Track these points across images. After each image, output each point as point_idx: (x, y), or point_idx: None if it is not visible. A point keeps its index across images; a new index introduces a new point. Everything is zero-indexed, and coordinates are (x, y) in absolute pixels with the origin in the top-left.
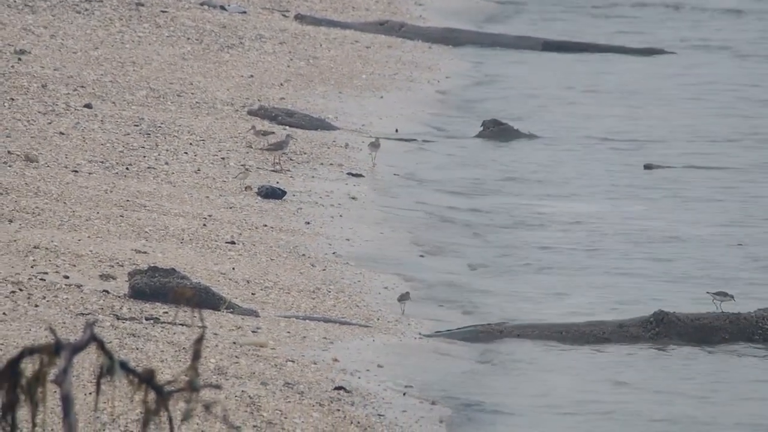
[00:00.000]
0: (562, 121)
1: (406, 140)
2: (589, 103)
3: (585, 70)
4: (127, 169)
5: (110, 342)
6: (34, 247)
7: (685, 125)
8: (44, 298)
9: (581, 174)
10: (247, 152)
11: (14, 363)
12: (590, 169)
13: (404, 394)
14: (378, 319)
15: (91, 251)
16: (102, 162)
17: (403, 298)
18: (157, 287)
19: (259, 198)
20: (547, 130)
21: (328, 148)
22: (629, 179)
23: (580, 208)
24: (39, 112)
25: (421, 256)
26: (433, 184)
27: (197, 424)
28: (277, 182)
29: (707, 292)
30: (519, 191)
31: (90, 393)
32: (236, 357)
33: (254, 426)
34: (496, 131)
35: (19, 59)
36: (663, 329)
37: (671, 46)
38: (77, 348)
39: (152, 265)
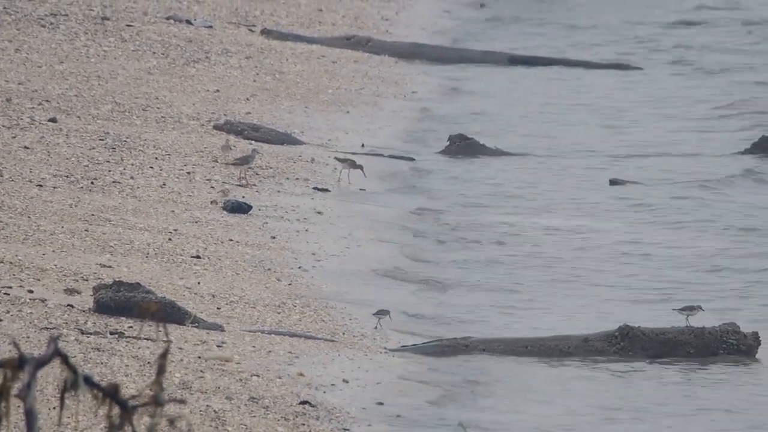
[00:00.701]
0: (529, 136)
1: (371, 155)
2: (556, 117)
3: (552, 85)
4: (92, 183)
5: (74, 356)
6: None
7: (651, 139)
8: (8, 312)
9: (547, 189)
10: (213, 167)
11: None
12: (556, 184)
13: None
14: (344, 334)
15: (55, 265)
16: (67, 176)
17: (381, 313)
18: (121, 302)
19: (225, 212)
20: (514, 144)
21: (294, 162)
22: (594, 194)
23: (546, 223)
24: (3, 126)
25: (387, 270)
26: (400, 198)
27: None
28: (243, 197)
29: (673, 309)
30: (486, 206)
31: (54, 407)
32: (201, 371)
33: None
34: (463, 146)
35: None
36: (628, 344)
37: (639, 62)
38: (41, 362)
39: (117, 279)
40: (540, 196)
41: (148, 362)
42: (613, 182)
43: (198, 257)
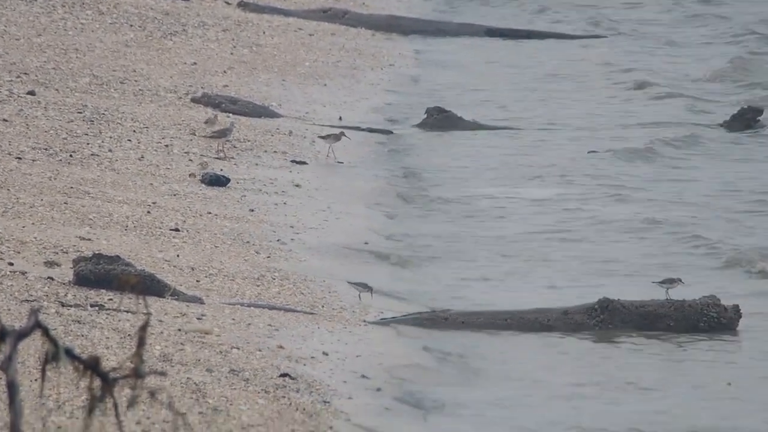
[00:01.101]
0: (506, 108)
1: (349, 128)
2: (532, 88)
3: (527, 57)
4: (70, 156)
5: (55, 329)
6: None
7: (623, 110)
8: None
9: (526, 160)
10: (191, 139)
11: None
12: (536, 154)
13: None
14: (323, 307)
15: (35, 238)
16: (46, 149)
17: (362, 287)
18: (101, 274)
19: (203, 185)
20: (491, 116)
21: (272, 135)
22: (573, 164)
23: (525, 194)
24: None
25: (366, 243)
26: (378, 171)
27: (142, 410)
28: (221, 170)
29: (652, 282)
30: (464, 178)
31: (35, 379)
32: (181, 344)
33: (199, 412)
34: (440, 119)
35: None
36: (608, 317)
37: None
38: (22, 335)
39: (97, 252)
40: (519, 167)
41: (129, 335)
42: (592, 152)
43: (177, 230)
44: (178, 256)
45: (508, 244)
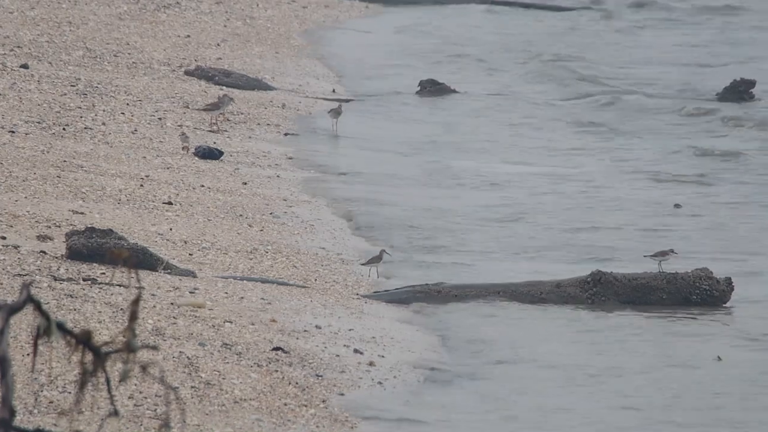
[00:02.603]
0: (503, 78)
1: (343, 101)
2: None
3: (524, 26)
4: (63, 129)
5: (47, 303)
6: None
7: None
8: None
9: (524, 132)
10: (184, 113)
11: None
12: (534, 129)
13: (356, 352)
14: (316, 280)
15: (28, 212)
16: (39, 122)
17: (374, 260)
18: (94, 248)
19: (197, 158)
20: (484, 87)
21: (266, 108)
22: (559, 137)
23: (523, 170)
24: None
25: (358, 214)
26: (371, 142)
27: (135, 384)
28: (215, 143)
29: (644, 256)
30: (457, 149)
31: (27, 354)
32: (174, 318)
33: (192, 386)
34: (433, 90)
35: None
36: (600, 289)
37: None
38: (14, 309)
39: (89, 225)
40: (514, 139)
41: (121, 309)
42: (590, 124)
43: (170, 203)
44: (171, 229)
45: (500, 215)
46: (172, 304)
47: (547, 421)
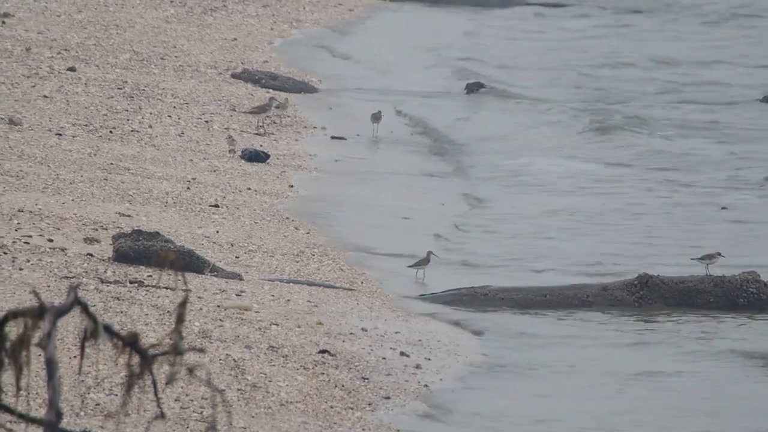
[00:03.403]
0: (546, 77)
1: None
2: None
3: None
4: (110, 132)
5: (94, 305)
6: (19, 211)
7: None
8: (28, 261)
9: (562, 132)
10: (231, 116)
11: None
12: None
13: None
14: (362, 283)
15: (75, 214)
16: (86, 125)
17: (421, 263)
18: (141, 250)
19: (243, 161)
20: (533, 88)
21: (312, 111)
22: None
23: (561, 168)
24: (23, 76)
25: (406, 218)
26: (417, 145)
27: (181, 387)
28: (261, 145)
29: (691, 259)
30: (503, 149)
31: (74, 356)
32: (220, 320)
33: (238, 389)
34: (480, 93)
35: (3, 23)
36: (647, 292)
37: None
38: (61, 311)
39: (136, 228)
40: (552, 138)
41: (168, 311)
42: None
43: (216, 206)
44: (217, 232)
45: (547, 215)
46: (218, 306)
47: (597, 424)
